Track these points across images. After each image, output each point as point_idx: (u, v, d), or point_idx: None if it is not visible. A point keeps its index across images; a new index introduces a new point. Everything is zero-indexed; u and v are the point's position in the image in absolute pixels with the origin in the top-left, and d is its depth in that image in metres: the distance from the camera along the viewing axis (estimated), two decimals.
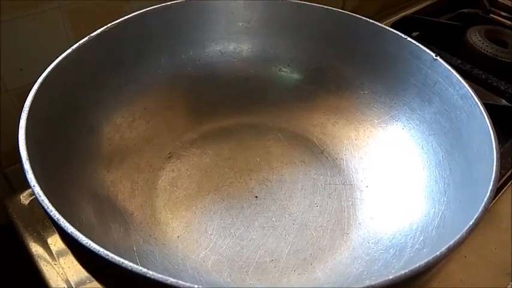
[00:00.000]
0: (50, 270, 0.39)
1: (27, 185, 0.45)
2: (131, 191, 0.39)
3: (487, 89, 0.60)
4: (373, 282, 0.21)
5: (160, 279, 0.21)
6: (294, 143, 0.46)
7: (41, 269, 0.40)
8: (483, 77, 0.60)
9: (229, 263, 0.36)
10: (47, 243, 0.41)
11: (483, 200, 0.27)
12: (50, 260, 0.40)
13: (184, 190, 0.41)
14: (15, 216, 0.43)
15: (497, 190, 0.48)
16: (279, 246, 0.37)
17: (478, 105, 0.34)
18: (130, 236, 0.36)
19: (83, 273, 0.39)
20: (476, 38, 0.65)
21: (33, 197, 0.45)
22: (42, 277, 0.39)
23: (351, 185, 0.42)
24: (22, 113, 0.30)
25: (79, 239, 0.22)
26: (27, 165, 0.27)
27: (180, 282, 0.21)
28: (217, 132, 0.47)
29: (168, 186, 0.41)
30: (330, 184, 0.42)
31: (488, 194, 0.27)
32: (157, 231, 0.37)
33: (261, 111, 0.48)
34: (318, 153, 0.45)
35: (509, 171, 0.50)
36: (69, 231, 0.23)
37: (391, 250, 0.35)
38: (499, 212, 0.47)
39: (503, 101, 0.59)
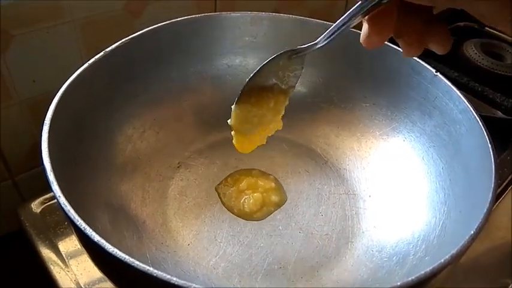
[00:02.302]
0: (62, 276, 0.40)
1: (36, 194, 0.47)
2: (143, 199, 0.41)
3: (483, 101, 0.62)
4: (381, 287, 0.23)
5: (184, 285, 0.22)
6: (299, 153, 0.48)
7: (53, 274, 0.41)
8: (479, 89, 0.62)
9: (239, 270, 0.37)
10: (59, 250, 0.43)
11: (483, 210, 0.29)
12: (62, 266, 0.41)
13: (194, 199, 0.43)
14: (27, 224, 0.45)
15: (495, 199, 0.50)
16: (286, 254, 0.39)
17: (477, 119, 0.35)
18: (144, 243, 0.37)
19: (93, 277, 0.40)
20: (472, 51, 0.67)
21: (44, 205, 0.46)
22: (55, 282, 0.40)
23: (355, 194, 0.44)
24: (44, 126, 0.32)
25: (106, 247, 0.24)
26: (51, 177, 0.28)
27: None
28: (224, 143, 0.48)
29: (178, 195, 0.43)
30: (334, 194, 0.44)
31: (488, 204, 0.29)
32: (169, 239, 0.39)
33: None
34: (321, 163, 0.47)
35: (506, 181, 0.51)
36: (95, 239, 0.24)
37: (394, 258, 0.36)
38: (496, 220, 0.48)
39: (499, 113, 0.61)
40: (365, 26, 0.28)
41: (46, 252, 0.42)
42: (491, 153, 0.33)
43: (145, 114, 0.44)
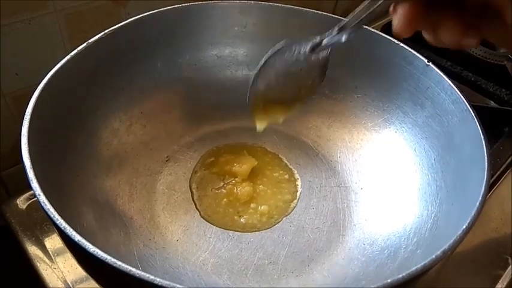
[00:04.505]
0: (49, 274, 0.40)
1: (22, 189, 0.46)
2: (130, 195, 0.40)
3: (476, 91, 0.61)
4: (372, 285, 0.22)
5: (167, 285, 0.21)
6: (290, 146, 0.47)
7: (40, 272, 0.40)
8: (472, 79, 0.62)
9: (229, 266, 0.36)
10: (45, 247, 0.42)
11: (476, 204, 0.28)
12: (49, 263, 0.41)
13: (183, 193, 0.42)
14: (13, 221, 0.44)
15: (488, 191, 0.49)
16: (276, 249, 0.38)
17: (469, 110, 0.35)
18: (131, 240, 0.36)
19: (80, 274, 0.40)
20: None
21: (30, 202, 0.45)
22: (41, 280, 0.40)
23: (346, 187, 0.43)
24: (24, 120, 0.30)
25: (87, 247, 0.23)
26: (31, 174, 0.27)
27: None
28: (214, 136, 0.47)
29: (166, 190, 0.42)
30: (325, 186, 0.43)
31: (481, 198, 0.28)
32: (157, 235, 0.38)
33: None
34: (313, 155, 0.46)
35: (498, 172, 0.51)
36: (76, 239, 0.23)
37: (385, 251, 0.36)
38: (489, 211, 0.48)
39: (492, 102, 0.60)
40: (396, 15, 0.26)
41: (32, 249, 0.41)
42: (484, 144, 0.32)
43: (132, 107, 0.43)
